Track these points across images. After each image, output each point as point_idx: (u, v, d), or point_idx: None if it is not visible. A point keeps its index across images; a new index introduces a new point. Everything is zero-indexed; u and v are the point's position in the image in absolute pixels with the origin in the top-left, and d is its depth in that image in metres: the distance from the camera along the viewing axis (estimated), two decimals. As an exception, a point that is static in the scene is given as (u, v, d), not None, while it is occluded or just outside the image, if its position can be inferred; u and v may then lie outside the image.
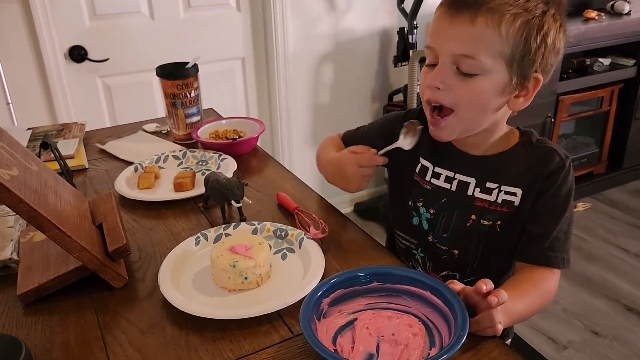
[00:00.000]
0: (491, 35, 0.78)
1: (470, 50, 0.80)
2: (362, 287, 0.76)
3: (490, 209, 0.91)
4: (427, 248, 1.00)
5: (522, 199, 0.89)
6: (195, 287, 0.83)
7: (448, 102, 0.84)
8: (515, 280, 0.87)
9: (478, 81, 0.82)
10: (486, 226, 0.92)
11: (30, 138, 1.39)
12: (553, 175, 0.88)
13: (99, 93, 2.17)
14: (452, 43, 0.81)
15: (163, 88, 1.35)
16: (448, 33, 0.81)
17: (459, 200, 0.93)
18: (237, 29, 2.34)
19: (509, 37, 0.79)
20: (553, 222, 0.88)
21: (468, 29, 0.79)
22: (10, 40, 1.92)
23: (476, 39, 0.79)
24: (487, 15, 0.78)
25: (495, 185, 0.91)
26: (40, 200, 0.77)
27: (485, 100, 0.84)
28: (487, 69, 0.80)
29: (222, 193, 0.98)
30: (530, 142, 0.92)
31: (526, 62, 0.81)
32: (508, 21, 0.78)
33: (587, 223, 2.70)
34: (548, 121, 2.57)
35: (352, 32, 2.52)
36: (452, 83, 0.82)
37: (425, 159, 0.97)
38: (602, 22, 2.62)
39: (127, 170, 1.20)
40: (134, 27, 2.13)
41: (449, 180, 0.94)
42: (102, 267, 0.81)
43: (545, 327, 2.01)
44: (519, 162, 0.90)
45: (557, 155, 0.89)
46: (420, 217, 0.98)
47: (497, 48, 0.79)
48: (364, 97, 2.69)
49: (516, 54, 0.80)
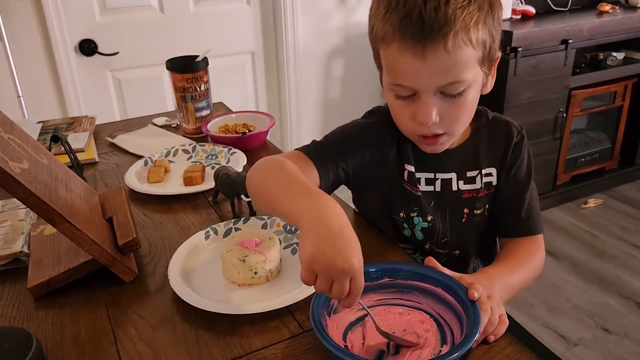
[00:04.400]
0: (467, 53, 0.75)
1: (454, 77, 0.76)
2: (373, 282, 0.75)
3: (478, 196, 0.92)
4: (425, 254, 0.95)
5: (498, 177, 0.92)
6: (205, 281, 0.83)
7: (445, 129, 0.82)
8: (506, 253, 0.90)
9: (466, 96, 0.79)
10: (478, 215, 0.93)
11: (41, 131, 1.40)
12: (517, 146, 0.92)
13: (109, 87, 2.18)
14: (432, 79, 0.76)
15: (173, 81, 1.35)
16: (424, 71, 0.75)
17: (448, 198, 0.92)
18: (247, 23, 2.33)
19: (479, 43, 0.76)
20: (524, 192, 0.92)
21: (445, 60, 0.74)
22: (21, 34, 1.93)
23: (456, 65, 0.75)
24: (456, 38, 0.73)
25: (476, 172, 0.92)
26: (51, 193, 0.77)
27: (473, 108, 0.84)
28: (471, 82, 0.78)
29: (232, 187, 0.98)
30: (488, 119, 0.93)
31: (492, 51, 0.80)
32: (474, 31, 0.74)
33: (599, 220, 2.67)
34: (560, 116, 2.54)
35: (362, 26, 2.49)
36: (443, 111, 0.79)
37: (409, 164, 0.91)
38: (616, 15, 2.58)
39: (137, 164, 1.20)
40: (144, 20, 2.13)
41: (430, 182, 0.91)
42: (112, 261, 0.81)
43: (556, 324, 1.99)
44: (486, 142, 0.92)
45: (514, 127, 0.92)
46: (414, 228, 0.93)
47: (473, 59, 0.77)
48: (374, 92, 2.67)
49: (485, 52, 0.78)
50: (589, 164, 2.88)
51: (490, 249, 1.00)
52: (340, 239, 0.61)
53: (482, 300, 0.69)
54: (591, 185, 2.88)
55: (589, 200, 2.81)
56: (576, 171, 2.84)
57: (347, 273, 0.60)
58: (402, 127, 0.86)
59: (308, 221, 0.63)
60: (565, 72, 2.47)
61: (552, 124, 2.55)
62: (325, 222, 0.62)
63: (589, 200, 2.82)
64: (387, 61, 0.79)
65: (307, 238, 0.62)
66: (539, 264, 0.90)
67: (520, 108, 2.36)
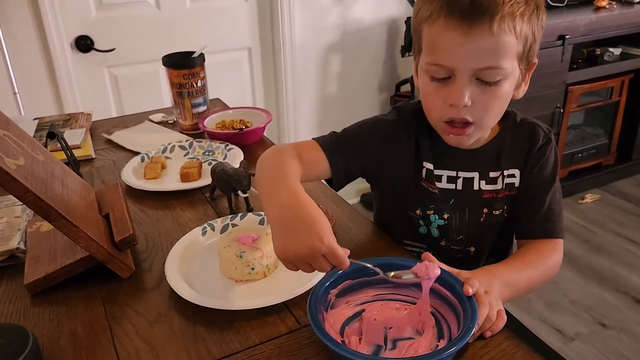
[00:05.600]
0: (510, 40, 0.76)
1: (493, 61, 0.76)
2: (370, 278, 0.75)
3: (498, 197, 0.91)
4: (440, 251, 0.95)
5: (521, 178, 0.91)
6: (202, 277, 0.83)
7: (475, 117, 0.81)
8: (516, 255, 0.89)
9: (501, 87, 0.79)
10: (497, 216, 0.92)
11: (37, 128, 1.39)
12: (542, 148, 0.90)
13: (106, 83, 2.17)
14: (471, 59, 0.76)
15: (169, 78, 1.35)
16: (465, 49, 0.75)
17: (468, 197, 0.91)
18: (244, 18, 2.33)
19: (522, 36, 0.77)
20: (545, 193, 0.90)
21: (488, 40, 0.74)
22: (17, 31, 1.92)
23: (497, 49, 0.76)
24: (502, 22, 0.74)
25: (498, 173, 0.91)
26: (47, 190, 0.77)
27: (507, 101, 0.84)
28: (508, 73, 0.78)
29: (229, 183, 0.97)
30: (515, 121, 0.93)
31: (532, 52, 0.81)
32: (520, 21, 0.76)
33: (596, 215, 2.68)
34: (557, 112, 2.54)
35: (359, 22, 2.50)
36: (475, 97, 0.79)
37: (427, 162, 0.91)
38: (613, 11, 2.58)
39: (134, 161, 1.20)
40: (141, 17, 2.12)
41: (452, 180, 0.91)
42: (109, 258, 0.81)
43: (553, 319, 2.00)
44: (511, 143, 0.91)
45: (540, 129, 0.92)
46: (430, 225, 0.93)
47: (514, 50, 0.77)
48: (372, 88, 2.67)
49: (526, 48, 0.79)
50: (586, 160, 2.88)
51: (506, 249, 0.99)
52: (298, 224, 0.66)
53: (479, 294, 0.69)
54: (588, 180, 2.88)
55: (586, 196, 2.82)
56: (573, 167, 2.85)
57: (315, 256, 0.64)
58: (431, 112, 0.85)
59: (270, 216, 0.71)
60: (562, 67, 2.47)
61: (549, 120, 2.55)
62: (281, 213, 0.69)
63: (586, 195, 2.82)
64: (430, 38, 0.79)
65: (272, 233, 0.69)
66: (551, 267, 0.87)
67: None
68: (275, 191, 0.73)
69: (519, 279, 0.81)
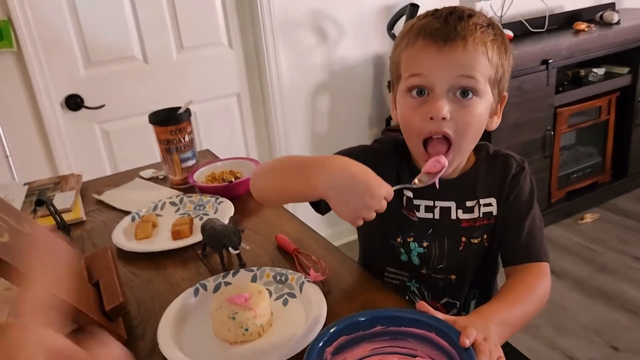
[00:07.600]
0: (481, 59, 0.82)
1: (468, 71, 0.81)
2: (366, 331, 0.74)
3: (476, 225, 0.93)
4: (421, 279, 0.98)
5: (498, 207, 0.93)
6: (196, 341, 0.81)
7: (452, 131, 0.83)
8: (509, 286, 0.88)
9: (476, 104, 0.84)
10: (476, 244, 0.94)
11: (27, 193, 1.39)
12: (515, 177, 0.94)
13: (97, 139, 2.18)
14: (448, 69, 0.81)
15: (157, 134, 1.35)
16: (441, 61, 0.81)
17: (446, 226, 0.93)
18: (231, 65, 2.36)
19: (492, 62, 0.84)
20: (523, 220, 0.92)
21: (462, 54, 0.81)
22: (5, 92, 1.94)
23: (472, 62, 0.82)
24: (475, 44, 0.81)
25: (474, 201, 0.93)
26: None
27: (482, 124, 0.87)
28: (482, 91, 0.83)
29: (219, 240, 0.97)
30: (489, 153, 0.96)
31: (502, 83, 0.87)
32: (490, 48, 0.83)
33: (597, 234, 2.66)
34: (548, 134, 2.55)
35: (345, 61, 2.54)
36: (453, 111, 0.82)
37: (407, 190, 0.94)
38: (592, 33, 2.62)
39: (125, 221, 1.19)
40: (128, 71, 2.15)
41: (430, 210, 0.93)
42: (99, 328, 0.79)
43: (564, 345, 1.96)
44: (486, 173, 0.94)
45: (513, 159, 0.95)
46: (410, 253, 0.96)
47: (486, 71, 0.83)
48: (362, 123, 2.69)
49: (497, 77, 0.85)
50: (581, 179, 2.88)
51: (489, 278, 1.00)
52: (356, 185, 0.75)
53: (478, 342, 0.68)
54: (586, 200, 2.88)
55: (586, 215, 2.80)
56: (570, 187, 2.84)
57: (369, 213, 0.77)
58: (412, 130, 0.86)
59: (322, 186, 0.76)
60: (548, 91, 2.50)
61: (540, 143, 2.56)
62: (339, 180, 0.76)
63: (585, 215, 2.81)
64: (409, 59, 0.85)
65: (330, 201, 0.77)
66: (542, 295, 0.87)
67: (507, 130, 2.37)
68: (308, 169, 0.79)
69: (513, 315, 0.81)
